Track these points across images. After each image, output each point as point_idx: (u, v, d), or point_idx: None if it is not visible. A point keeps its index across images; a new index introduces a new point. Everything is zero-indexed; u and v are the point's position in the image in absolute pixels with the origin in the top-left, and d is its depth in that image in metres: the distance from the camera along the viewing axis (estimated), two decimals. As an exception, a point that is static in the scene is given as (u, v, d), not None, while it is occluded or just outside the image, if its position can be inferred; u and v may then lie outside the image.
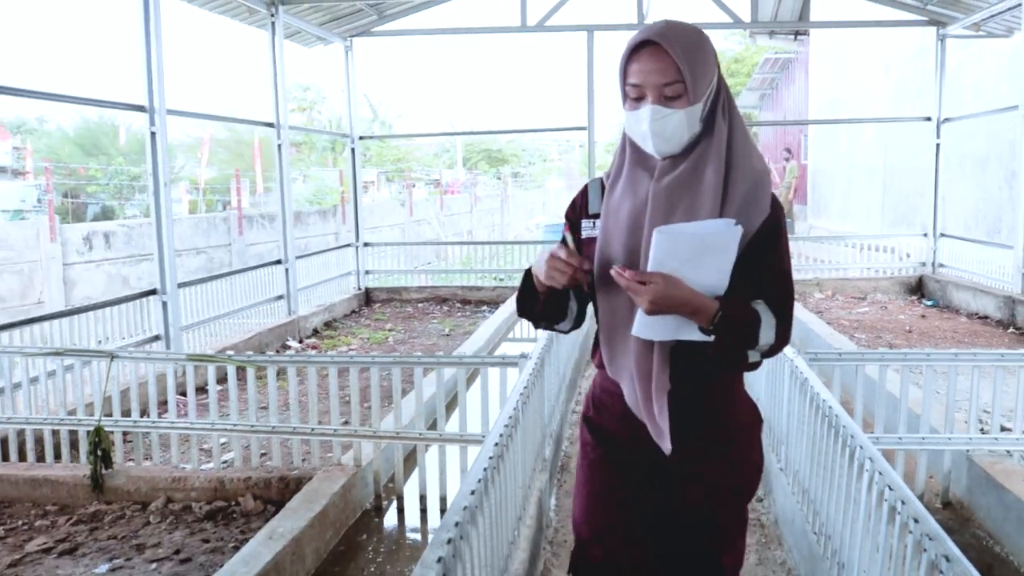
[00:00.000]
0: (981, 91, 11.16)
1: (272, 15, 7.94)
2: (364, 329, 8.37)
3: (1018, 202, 7.55)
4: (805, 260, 10.53)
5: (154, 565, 3.25)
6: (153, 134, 6.15)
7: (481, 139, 36.99)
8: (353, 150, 10.04)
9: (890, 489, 1.98)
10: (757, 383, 3.95)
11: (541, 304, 1.69)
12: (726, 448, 1.72)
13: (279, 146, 8.19)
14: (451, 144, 38.02)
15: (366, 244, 10.22)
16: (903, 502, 1.89)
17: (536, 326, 1.79)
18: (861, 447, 2.26)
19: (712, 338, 1.55)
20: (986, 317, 7.80)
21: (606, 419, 1.77)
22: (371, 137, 21.05)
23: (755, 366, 1.72)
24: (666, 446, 1.63)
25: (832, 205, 18.35)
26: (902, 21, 9.50)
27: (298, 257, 8.59)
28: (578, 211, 1.75)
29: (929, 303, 8.86)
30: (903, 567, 1.84)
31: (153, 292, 6.28)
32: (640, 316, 1.56)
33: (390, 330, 8.29)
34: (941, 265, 9.40)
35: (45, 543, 3.50)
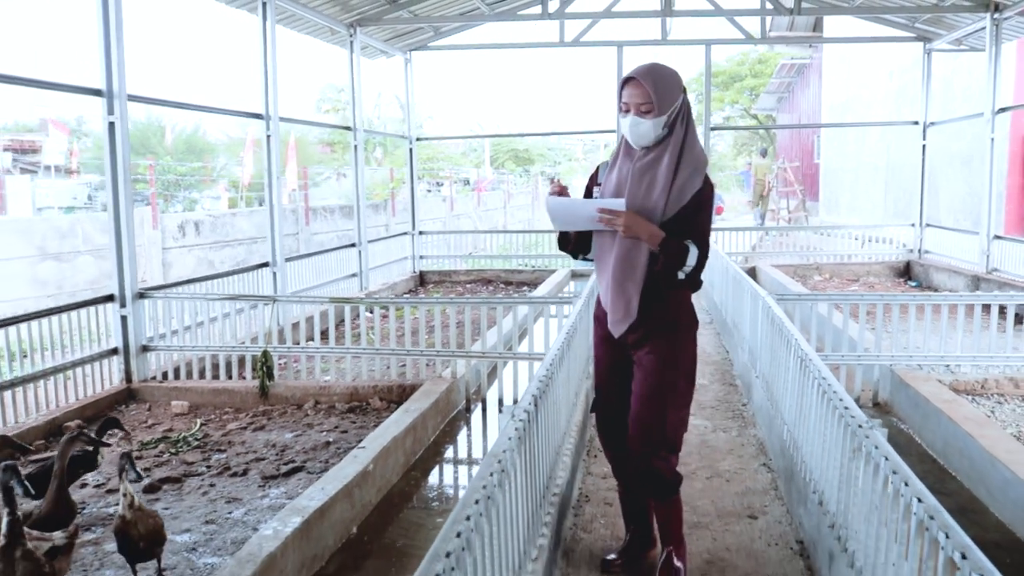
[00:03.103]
0: (969, 96, 12.41)
1: (351, 35, 9.47)
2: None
3: (983, 196, 8.87)
4: (807, 248, 11.84)
5: (323, 434, 4.76)
6: (268, 137, 7.72)
7: (508, 139, 38.60)
8: (411, 150, 11.59)
9: (804, 352, 3.39)
10: (744, 323, 5.37)
11: (573, 242, 2.70)
12: (669, 336, 2.59)
13: (355, 147, 9.73)
14: (479, 144, 39.54)
15: (421, 232, 11.76)
16: (819, 370, 3.26)
17: (572, 254, 2.77)
18: (794, 336, 3.67)
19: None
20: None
21: (601, 315, 2.71)
22: (427, 138, 22.58)
23: (683, 284, 2.50)
24: (617, 333, 2.59)
25: (841, 200, 19.60)
26: (894, 37, 10.83)
27: (369, 242, 10.13)
28: (592, 181, 2.74)
29: (913, 284, 10.19)
30: (815, 405, 3.22)
31: (265, 265, 7.84)
32: (556, 200, 2.51)
33: (447, 303, 9.77)
34: (926, 251, 10.70)
35: (240, 425, 5.03)
